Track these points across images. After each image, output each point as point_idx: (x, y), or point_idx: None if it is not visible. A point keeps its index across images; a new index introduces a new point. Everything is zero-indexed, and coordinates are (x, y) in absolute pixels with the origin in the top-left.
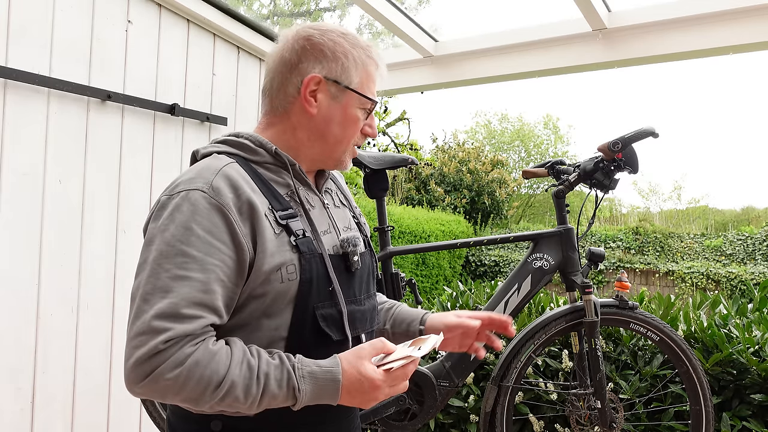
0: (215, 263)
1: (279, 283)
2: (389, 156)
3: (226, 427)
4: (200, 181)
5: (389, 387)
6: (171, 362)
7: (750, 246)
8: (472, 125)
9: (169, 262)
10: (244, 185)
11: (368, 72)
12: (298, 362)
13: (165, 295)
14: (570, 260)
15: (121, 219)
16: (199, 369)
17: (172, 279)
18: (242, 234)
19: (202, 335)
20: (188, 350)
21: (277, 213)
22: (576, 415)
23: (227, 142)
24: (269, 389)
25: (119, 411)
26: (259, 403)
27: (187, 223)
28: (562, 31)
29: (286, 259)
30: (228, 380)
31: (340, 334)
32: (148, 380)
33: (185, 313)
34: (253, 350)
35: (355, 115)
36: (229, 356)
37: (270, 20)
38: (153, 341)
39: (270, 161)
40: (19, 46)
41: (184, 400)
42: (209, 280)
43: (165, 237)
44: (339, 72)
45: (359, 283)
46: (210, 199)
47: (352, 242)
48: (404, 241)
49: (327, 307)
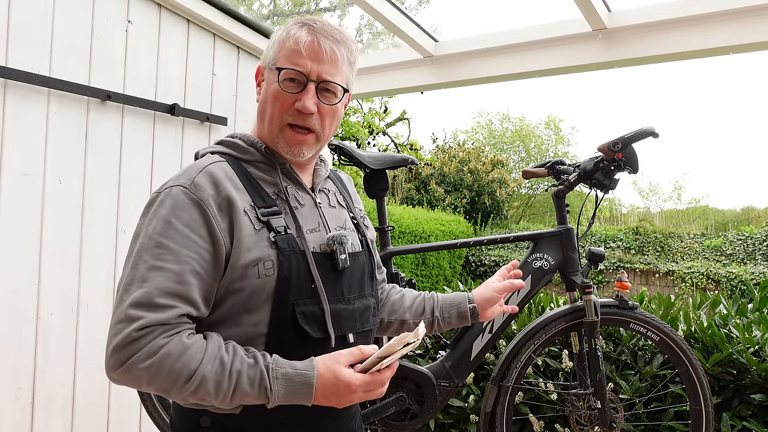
0: (191, 255)
1: (256, 279)
2: (389, 156)
3: (215, 423)
4: (184, 178)
5: (364, 392)
6: (144, 352)
7: (750, 246)
8: (473, 125)
9: (148, 254)
10: (225, 182)
11: (282, 42)
12: (273, 363)
13: (141, 285)
14: (570, 260)
15: (121, 219)
16: (170, 360)
17: (148, 269)
18: (220, 228)
19: (176, 326)
20: (161, 341)
21: (259, 210)
22: (576, 415)
23: (223, 143)
24: (241, 387)
25: (119, 411)
26: (231, 399)
27: (167, 217)
28: (562, 31)
29: (264, 255)
30: (199, 375)
31: (321, 333)
32: (123, 368)
33: (158, 303)
34: (229, 346)
35: (276, 90)
36: (202, 351)
37: (270, 20)
38: (127, 329)
39: (260, 160)
40: (19, 46)
41: (157, 390)
42: (183, 272)
43: (148, 231)
44: (265, 55)
45: (348, 282)
46: (190, 195)
47: (338, 240)
48: (404, 241)
49: (308, 305)
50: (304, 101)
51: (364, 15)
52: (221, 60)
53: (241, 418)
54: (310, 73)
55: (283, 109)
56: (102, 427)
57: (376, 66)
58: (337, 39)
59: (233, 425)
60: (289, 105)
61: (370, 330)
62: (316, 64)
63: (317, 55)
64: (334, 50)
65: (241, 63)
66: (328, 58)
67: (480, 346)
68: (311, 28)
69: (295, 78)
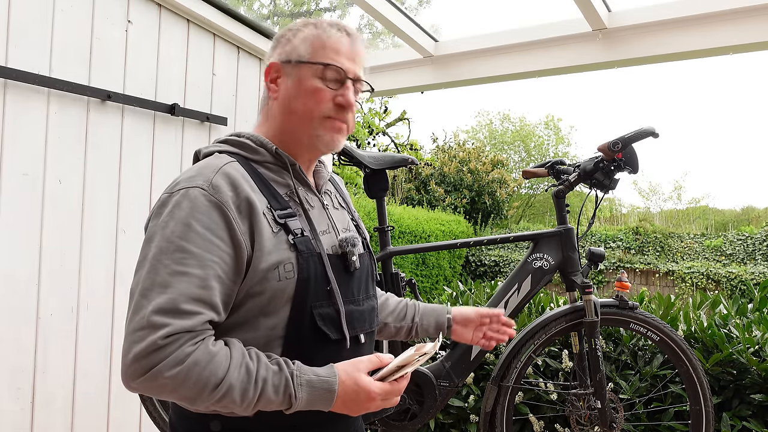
0: (213, 260)
1: (276, 282)
2: (389, 156)
3: (225, 428)
4: (200, 179)
5: (382, 400)
6: (171, 360)
7: (750, 246)
8: (474, 125)
9: (168, 258)
10: (243, 183)
11: (321, 41)
12: (297, 369)
13: (164, 290)
14: (570, 260)
15: (121, 219)
16: (198, 369)
17: (170, 275)
18: (240, 232)
19: (201, 333)
20: (188, 349)
21: (276, 212)
22: (576, 415)
23: (229, 142)
24: (266, 394)
25: (119, 411)
26: (254, 406)
27: (187, 219)
28: (562, 31)
29: (284, 258)
30: (226, 383)
31: (338, 334)
32: (146, 377)
33: (184, 309)
34: (252, 353)
35: (312, 85)
36: (228, 358)
37: (270, 20)
38: (152, 336)
39: (270, 161)
40: (19, 46)
41: (180, 398)
42: (207, 276)
43: (165, 233)
44: (289, 51)
45: (358, 283)
46: (209, 197)
47: (351, 242)
48: (404, 241)
49: (325, 307)
50: (347, 96)
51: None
52: (221, 60)
53: (252, 422)
54: (348, 71)
55: (323, 103)
56: (102, 427)
57: (376, 66)
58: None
59: (244, 429)
60: (329, 99)
61: (374, 330)
62: (352, 63)
63: (354, 56)
64: (363, 52)
65: (241, 63)
66: (360, 59)
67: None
68: (344, 29)
69: (335, 75)
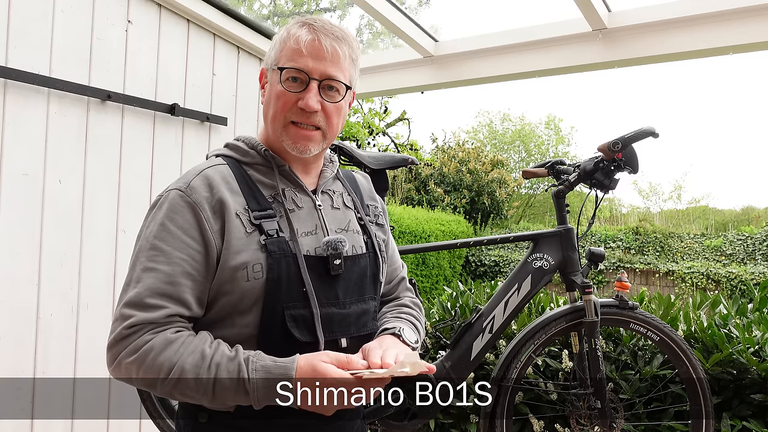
0: (182, 257)
1: (245, 281)
2: (389, 156)
3: (212, 419)
4: (182, 182)
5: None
6: (131, 348)
7: (750, 246)
8: (474, 125)
9: (143, 256)
10: (221, 185)
11: (284, 43)
12: (254, 356)
13: (135, 285)
14: (570, 260)
15: (121, 219)
16: (153, 354)
17: (142, 271)
18: (212, 231)
19: (165, 324)
20: (147, 337)
21: (253, 213)
22: (576, 415)
23: (228, 146)
24: (220, 380)
25: (119, 411)
26: (213, 394)
27: (163, 219)
28: (562, 31)
29: (252, 258)
30: (179, 367)
31: (310, 336)
32: (115, 364)
33: (148, 302)
34: (213, 342)
35: (278, 90)
36: (186, 345)
37: (270, 20)
38: (119, 327)
39: (260, 162)
40: (19, 46)
41: (142, 384)
42: (174, 273)
43: (146, 234)
44: (268, 56)
45: (345, 286)
46: (185, 197)
47: (333, 245)
48: (404, 241)
49: (299, 308)
50: (306, 99)
51: (364, 15)
52: (221, 60)
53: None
54: (311, 72)
55: (286, 108)
56: (102, 427)
57: (376, 66)
58: (338, 36)
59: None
60: (292, 104)
61: (367, 335)
62: (317, 62)
63: (318, 54)
64: (336, 48)
65: (241, 63)
66: (330, 55)
67: (480, 346)
68: (311, 27)
69: (297, 77)
